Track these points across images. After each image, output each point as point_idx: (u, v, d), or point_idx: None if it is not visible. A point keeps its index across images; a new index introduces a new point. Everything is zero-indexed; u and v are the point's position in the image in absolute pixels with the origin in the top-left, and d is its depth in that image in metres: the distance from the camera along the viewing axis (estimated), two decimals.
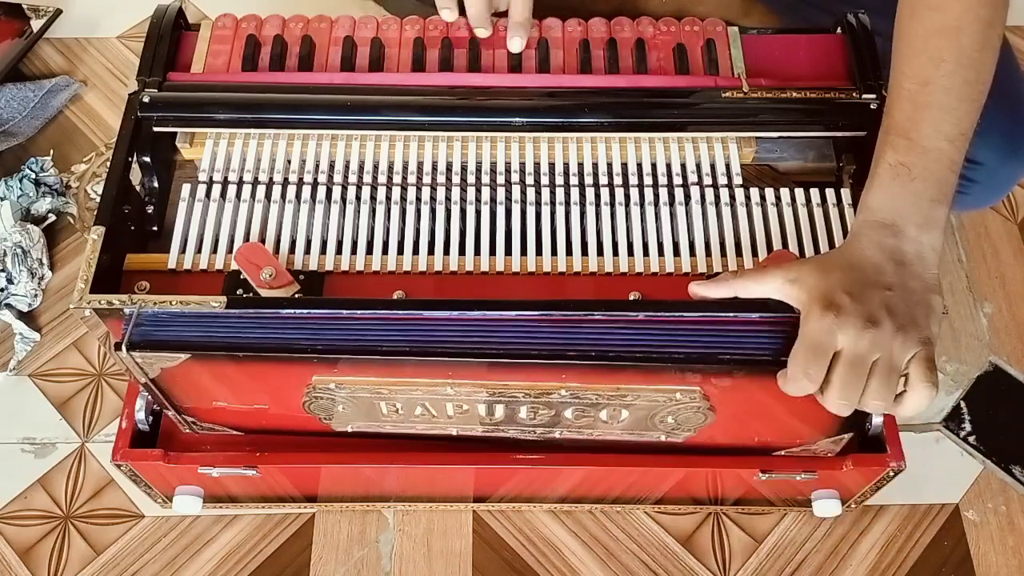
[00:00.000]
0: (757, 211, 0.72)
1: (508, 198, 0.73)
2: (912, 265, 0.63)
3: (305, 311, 0.65)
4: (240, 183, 0.73)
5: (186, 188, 0.73)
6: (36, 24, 1.24)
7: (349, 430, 0.78)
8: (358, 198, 0.73)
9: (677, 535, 0.91)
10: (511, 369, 0.68)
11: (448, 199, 0.73)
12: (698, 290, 0.66)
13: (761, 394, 0.69)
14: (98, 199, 0.70)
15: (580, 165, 0.75)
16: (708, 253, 0.70)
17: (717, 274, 0.67)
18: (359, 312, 0.65)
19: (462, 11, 0.79)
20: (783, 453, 0.79)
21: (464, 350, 0.66)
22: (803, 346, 0.62)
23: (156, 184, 0.74)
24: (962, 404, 0.99)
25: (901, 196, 0.64)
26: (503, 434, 0.77)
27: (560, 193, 0.73)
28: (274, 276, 0.67)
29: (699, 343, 0.66)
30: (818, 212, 0.73)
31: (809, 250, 0.70)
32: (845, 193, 0.73)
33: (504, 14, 0.80)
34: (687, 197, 0.73)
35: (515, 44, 0.78)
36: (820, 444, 0.78)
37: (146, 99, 0.74)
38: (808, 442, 0.78)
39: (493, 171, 0.74)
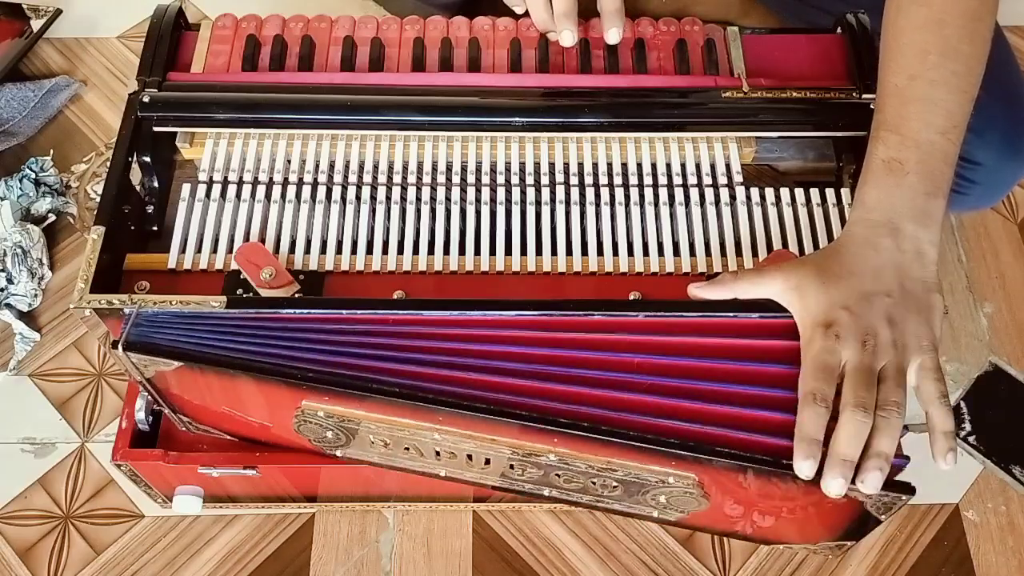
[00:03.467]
0: (757, 211, 0.72)
1: (508, 198, 0.73)
2: (911, 266, 0.63)
3: (305, 311, 0.65)
4: (240, 183, 0.73)
5: (186, 188, 0.73)
6: (36, 24, 1.24)
7: (338, 455, 0.76)
8: (358, 198, 0.73)
9: (677, 535, 0.91)
10: (500, 426, 0.65)
11: (448, 199, 0.73)
12: (697, 292, 0.66)
13: (759, 494, 0.67)
14: (98, 199, 0.70)
15: (580, 165, 0.75)
16: (708, 253, 0.70)
17: (717, 275, 0.67)
18: (356, 328, 0.64)
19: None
20: (780, 547, 0.78)
21: (453, 400, 0.63)
22: (808, 369, 0.61)
23: (156, 184, 0.74)
24: (962, 404, 0.99)
25: (896, 191, 0.64)
26: (491, 483, 0.75)
27: (560, 193, 0.73)
28: (274, 276, 0.67)
29: (697, 428, 0.63)
30: (818, 212, 0.73)
31: (809, 250, 0.70)
32: (845, 193, 0.73)
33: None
34: (687, 197, 0.73)
35: (612, 35, 0.77)
36: (820, 545, 0.76)
37: (146, 99, 0.74)
38: (807, 542, 0.77)
39: (493, 171, 0.74)
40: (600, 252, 0.71)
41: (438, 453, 0.71)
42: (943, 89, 0.65)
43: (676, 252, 0.71)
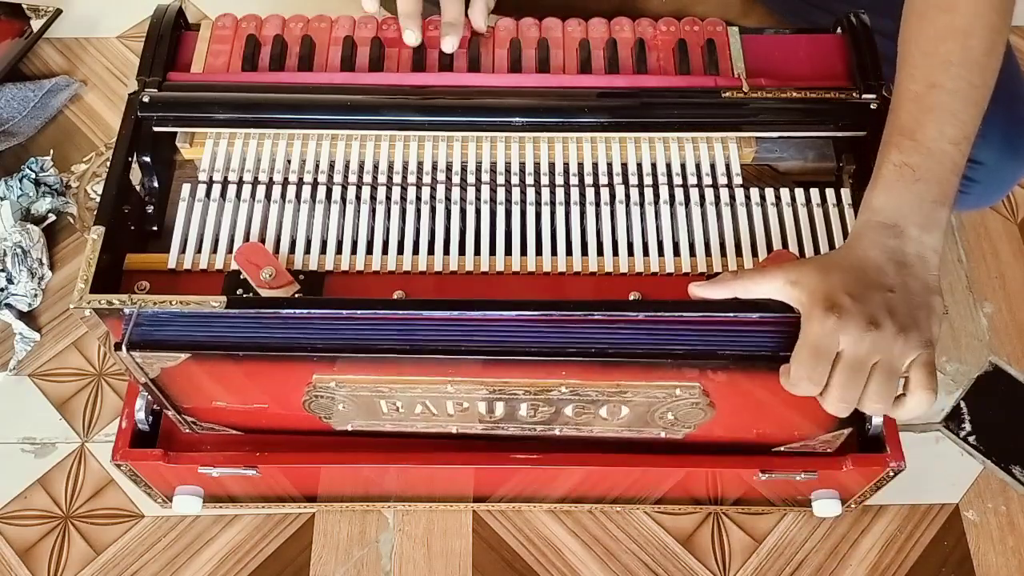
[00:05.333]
0: (757, 211, 0.72)
1: (508, 198, 0.73)
2: (913, 266, 0.63)
3: (305, 311, 0.65)
4: (240, 183, 0.73)
5: (186, 188, 0.73)
6: (36, 24, 1.24)
7: (349, 429, 0.78)
8: (358, 198, 0.73)
9: (677, 535, 0.91)
10: (511, 366, 0.68)
11: (448, 199, 0.73)
12: (698, 291, 0.66)
13: (760, 390, 0.70)
14: (98, 199, 0.70)
15: (580, 165, 0.75)
16: (708, 253, 0.70)
17: (717, 274, 0.67)
18: (359, 312, 0.65)
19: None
20: (783, 449, 0.79)
21: (464, 348, 0.66)
22: (805, 349, 0.62)
23: (156, 184, 0.74)
24: (962, 404, 0.99)
25: (904, 197, 0.64)
26: (503, 431, 0.77)
27: (560, 193, 0.73)
28: (274, 276, 0.68)
29: (698, 340, 0.66)
30: (818, 212, 0.73)
31: (809, 250, 0.70)
32: (845, 193, 0.73)
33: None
34: (687, 197, 0.73)
35: (446, 44, 0.78)
36: (819, 439, 0.78)
37: (146, 99, 0.74)
38: (807, 437, 0.78)
39: (493, 171, 0.74)
40: (600, 252, 0.71)
41: (451, 409, 0.73)
42: (960, 100, 0.65)
43: (676, 252, 0.71)
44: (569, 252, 0.71)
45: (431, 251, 0.71)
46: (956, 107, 0.65)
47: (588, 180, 0.74)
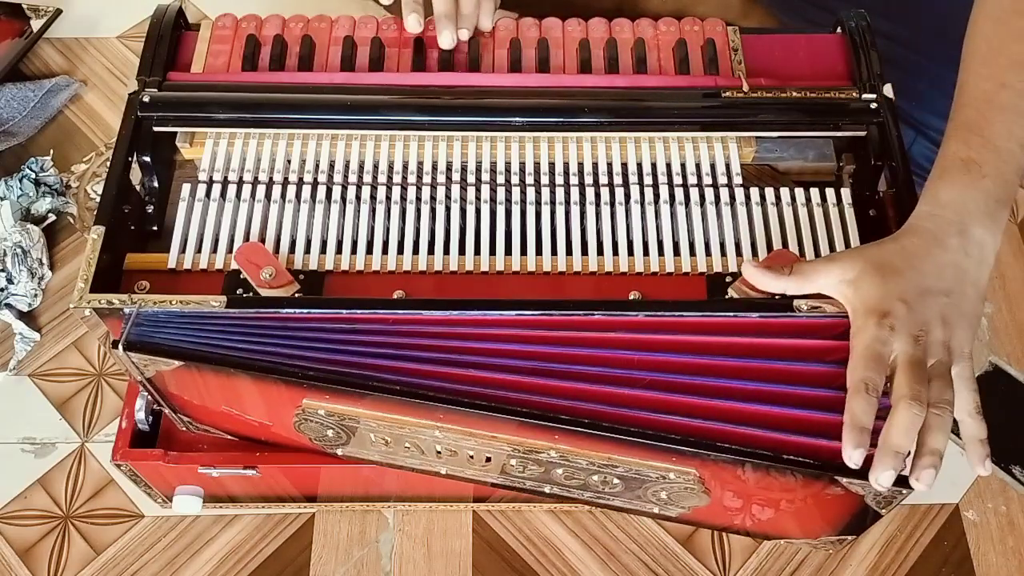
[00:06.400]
0: (757, 211, 0.72)
1: (508, 198, 0.73)
2: (970, 271, 0.62)
3: (305, 311, 0.65)
4: (240, 183, 0.73)
5: (186, 188, 0.73)
6: (36, 24, 1.24)
7: (339, 454, 0.76)
8: (358, 198, 0.73)
9: (677, 535, 0.91)
10: (500, 423, 0.65)
11: (448, 199, 0.73)
12: (753, 273, 0.65)
13: (758, 487, 0.67)
14: (98, 199, 0.70)
15: (580, 165, 0.75)
16: (708, 253, 0.70)
17: (740, 274, 0.67)
18: (356, 328, 0.64)
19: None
20: (781, 543, 0.78)
21: (453, 398, 0.64)
22: (859, 357, 0.60)
23: (156, 184, 0.74)
24: None
25: (970, 193, 0.64)
26: (492, 480, 0.75)
27: (560, 193, 0.73)
28: (274, 276, 0.68)
29: (698, 423, 0.63)
30: (818, 212, 0.73)
31: (809, 250, 0.70)
32: (845, 193, 0.73)
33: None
34: (687, 197, 0.73)
35: (443, 39, 0.78)
36: (820, 540, 0.77)
37: (146, 99, 0.74)
38: (808, 537, 0.77)
39: (493, 171, 0.74)
40: (600, 252, 0.71)
41: (439, 451, 0.71)
42: None
43: (676, 252, 0.71)
44: (569, 252, 0.71)
45: (431, 251, 0.71)
46: None
47: (588, 180, 0.74)
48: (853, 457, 0.59)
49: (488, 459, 0.70)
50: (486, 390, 0.63)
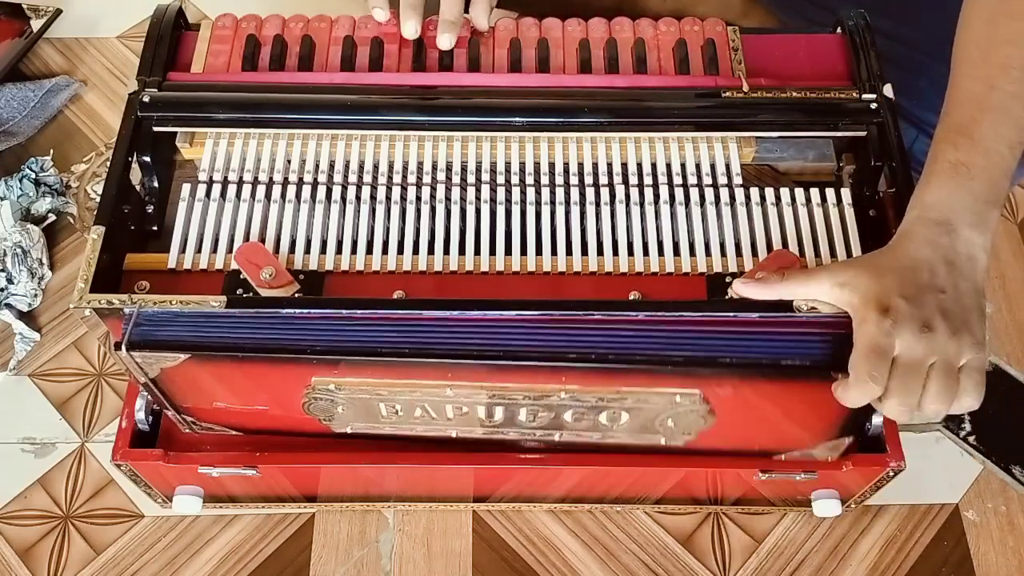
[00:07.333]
0: (757, 211, 0.72)
1: (508, 198, 0.73)
2: (963, 267, 0.63)
3: (305, 311, 0.65)
4: (240, 183, 0.73)
5: (186, 188, 0.73)
6: (36, 24, 1.24)
7: (348, 431, 0.77)
8: (358, 198, 0.73)
9: (677, 535, 0.91)
10: (511, 371, 0.68)
11: (448, 199, 0.73)
12: (742, 289, 0.66)
13: (761, 398, 0.69)
14: (98, 199, 0.70)
15: (580, 165, 0.75)
16: (708, 253, 0.70)
17: (733, 275, 0.68)
18: (359, 312, 0.65)
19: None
20: (783, 457, 0.79)
21: (464, 352, 0.66)
22: (864, 351, 0.61)
23: (156, 184, 0.74)
24: None
25: (958, 194, 0.64)
26: (503, 436, 0.77)
27: (560, 193, 0.73)
28: (274, 276, 0.68)
29: (699, 346, 0.66)
30: (818, 212, 0.73)
31: (809, 250, 0.70)
32: (845, 193, 0.73)
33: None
34: (687, 197, 0.73)
35: (443, 41, 0.78)
36: (819, 449, 0.78)
37: (146, 99, 0.74)
38: (808, 447, 0.78)
39: (493, 171, 0.74)
40: (600, 252, 0.71)
41: (450, 413, 0.72)
42: (1020, 104, 0.66)
43: (676, 252, 0.71)
44: (569, 252, 0.71)
45: (431, 251, 0.70)
46: (1016, 111, 0.65)
47: (588, 180, 0.74)
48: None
49: (500, 413, 0.72)
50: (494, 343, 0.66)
